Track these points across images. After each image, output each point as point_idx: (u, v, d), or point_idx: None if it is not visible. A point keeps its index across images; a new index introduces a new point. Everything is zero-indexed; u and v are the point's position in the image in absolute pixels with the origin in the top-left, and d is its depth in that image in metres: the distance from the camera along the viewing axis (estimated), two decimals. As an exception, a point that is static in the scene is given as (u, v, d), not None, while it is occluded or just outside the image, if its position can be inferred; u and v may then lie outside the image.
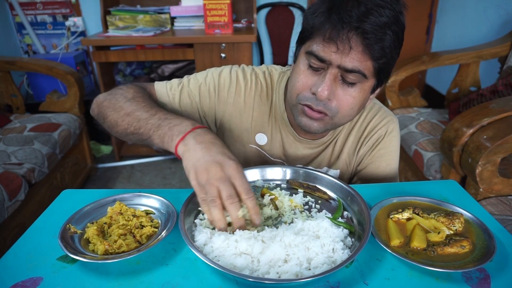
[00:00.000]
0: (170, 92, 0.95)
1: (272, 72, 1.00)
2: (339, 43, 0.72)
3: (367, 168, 1.00)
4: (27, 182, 1.68)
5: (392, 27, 0.72)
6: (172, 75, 2.74)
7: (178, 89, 0.95)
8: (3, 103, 2.39)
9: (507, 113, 1.38)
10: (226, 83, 0.96)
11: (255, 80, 0.98)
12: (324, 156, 1.01)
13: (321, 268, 0.61)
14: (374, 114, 0.99)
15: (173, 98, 0.95)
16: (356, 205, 0.76)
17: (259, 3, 3.08)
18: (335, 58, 0.74)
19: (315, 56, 0.77)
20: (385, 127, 0.98)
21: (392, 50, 0.75)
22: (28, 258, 0.66)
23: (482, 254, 0.65)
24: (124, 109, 0.82)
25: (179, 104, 0.95)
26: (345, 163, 1.01)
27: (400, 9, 0.74)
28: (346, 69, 0.75)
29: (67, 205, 0.81)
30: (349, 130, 1.00)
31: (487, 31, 2.49)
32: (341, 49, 0.73)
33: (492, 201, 1.38)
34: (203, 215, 0.77)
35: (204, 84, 0.96)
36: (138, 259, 0.66)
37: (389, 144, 0.99)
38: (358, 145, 1.00)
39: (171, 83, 0.97)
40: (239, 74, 0.97)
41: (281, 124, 0.97)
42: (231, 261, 0.63)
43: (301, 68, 0.81)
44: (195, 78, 0.97)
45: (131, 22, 2.67)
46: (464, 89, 2.22)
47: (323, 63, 0.77)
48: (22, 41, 3.09)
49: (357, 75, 0.76)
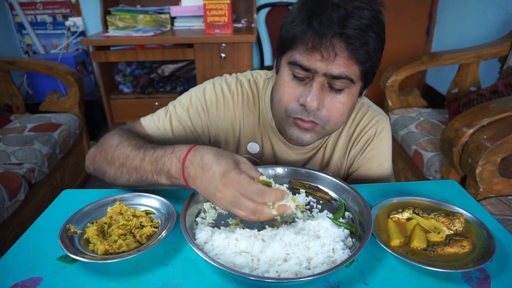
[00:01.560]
0: (159, 124, 0.93)
1: (257, 79, 0.98)
2: (323, 50, 0.70)
3: (359, 170, 0.99)
4: (27, 182, 1.68)
5: (374, 28, 0.70)
6: (172, 75, 2.74)
7: (167, 119, 0.93)
8: (3, 103, 2.39)
9: (507, 113, 1.38)
10: (212, 100, 0.94)
11: (240, 90, 0.96)
12: (316, 160, 0.99)
13: (321, 268, 0.61)
14: (363, 114, 0.97)
15: (164, 129, 0.93)
16: (357, 205, 0.76)
17: (259, 3, 3.08)
18: (321, 66, 0.72)
19: (299, 66, 0.74)
20: (375, 127, 0.96)
21: (377, 51, 0.73)
22: (28, 258, 0.66)
23: (482, 254, 0.65)
24: (116, 159, 0.79)
25: (172, 133, 0.93)
26: (336, 166, 1.00)
27: (379, 8, 0.72)
28: (333, 76, 0.73)
29: (67, 205, 0.81)
30: (339, 133, 0.98)
31: (487, 31, 2.49)
32: (326, 56, 0.70)
33: (492, 201, 1.38)
34: (204, 213, 0.78)
35: (191, 106, 0.94)
36: (138, 259, 0.66)
37: (379, 144, 0.97)
38: (348, 147, 0.99)
39: (158, 115, 0.94)
40: (224, 87, 0.95)
41: (270, 131, 0.96)
42: (231, 259, 0.63)
43: (285, 80, 0.78)
44: (181, 103, 0.95)
45: (131, 22, 2.67)
46: (464, 89, 2.22)
47: (308, 72, 0.74)
48: (22, 41, 3.09)
49: (344, 81, 0.74)
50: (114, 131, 0.88)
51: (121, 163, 0.78)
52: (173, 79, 2.78)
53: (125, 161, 0.78)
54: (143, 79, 2.71)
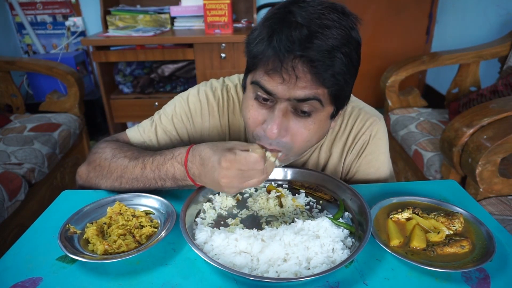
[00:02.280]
0: (144, 135, 0.92)
1: None
2: (284, 73, 0.64)
3: (357, 175, 0.95)
4: (27, 182, 1.68)
5: (343, 49, 0.64)
6: (172, 75, 2.74)
7: (152, 130, 0.92)
8: (3, 103, 2.39)
9: (507, 113, 1.38)
10: (197, 107, 0.92)
11: (226, 96, 0.93)
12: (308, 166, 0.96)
13: (320, 268, 0.61)
14: (355, 119, 0.92)
15: (149, 140, 0.92)
16: (357, 205, 0.76)
17: (259, 3, 3.08)
18: (282, 91, 0.67)
19: (261, 88, 0.69)
20: (369, 131, 0.91)
21: (345, 74, 0.67)
22: (28, 258, 0.66)
23: (482, 254, 0.64)
24: (113, 172, 0.80)
25: (158, 144, 0.92)
26: (332, 173, 0.97)
27: (350, 24, 0.66)
28: (298, 100, 0.67)
29: (67, 205, 0.81)
30: (332, 140, 0.94)
31: (487, 31, 2.49)
32: (286, 79, 0.65)
33: (492, 201, 1.38)
34: (203, 213, 0.78)
35: (175, 115, 0.92)
36: (138, 259, 0.66)
37: (375, 148, 0.93)
38: (343, 154, 0.95)
39: (143, 126, 0.94)
40: (208, 94, 0.92)
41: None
42: (231, 259, 0.63)
43: (249, 102, 0.74)
44: (165, 113, 0.93)
45: (131, 22, 2.67)
46: (464, 89, 2.22)
47: (270, 95, 0.69)
48: (22, 41, 3.09)
49: (312, 102, 0.68)
50: (102, 144, 0.88)
51: (119, 175, 0.80)
52: (173, 79, 2.78)
53: (123, 173, 0.79)
54: (143, 79, 2.71)
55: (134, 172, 0.78)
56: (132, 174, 0.78)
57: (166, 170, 0.75)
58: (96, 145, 0.89)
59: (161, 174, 0.76)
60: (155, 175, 0.77)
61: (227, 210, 0.79)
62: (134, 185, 0.80)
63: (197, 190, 0.80)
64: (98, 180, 0.83)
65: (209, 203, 0.80)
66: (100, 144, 0.88)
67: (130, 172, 0.78)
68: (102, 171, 0.82)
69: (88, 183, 0.86)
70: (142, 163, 0.78)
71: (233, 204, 0.81)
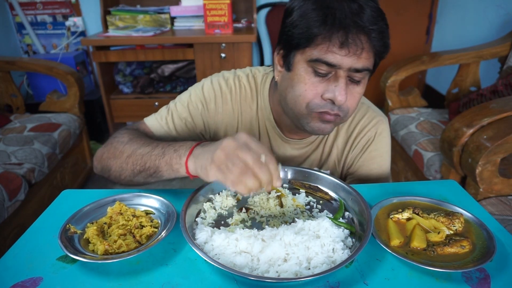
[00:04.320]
0: (162, 122, 0.95)
1: (255, 74, 0.98)
2: (351, 46, 0.71)
3: (359, 170, 0.99)
4: (27, 182, 1.68)
5: (384, 19, 0.73)
6: (172, 75, 2.74)
7: (170, 117, 0.95)
8: (3, 103, 2.39)
9: (507, 113, 1.38)
10: (211, 95, 0.96)
11: (238, 84, 0.97)
12: (315, 157, 1.00)
13: (321, 268, 0.61)
14: (363, 115, 0.97)
15: (167, 127, 0.95)
16: (357, 205, 0.76)
17: (259, 3, 3.08)
18: (346, 62, 0.73)
19: (324, 63, 0.74)
20: (375, 128, 0.97)
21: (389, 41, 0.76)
22: (28, 258, 0.66)
23: (482, 254, 0.64)
24: (124, 152, 0.81)
25: (175, 131, 0.95)
26: (334, 163, 1.01)
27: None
28: (356, 70, 0.75)
29: (67, 205, 0.81)
30: (337, 131, 0.99)
31: (487, 31, 2.49)
32: (352, 52, 0.72)
33: (492, 201, 1.38)
34: (204, 213, 0.78)
35: (191, 102, 0.96)
36: (138, 259, 0.66)
37: (379, 145, 0.97)
38: (347, 148, 0.99)
39: (160, 114, 0.96)
40: (221, 83, 0.96)
41: (268, 126, 0.97)
42: (231, 259, 0.63)
43: (305, 77, 0.78)
44: (181, 100, 0.97)
45: (131, 22, 2.67)
46: (464, 89, 2.22)
47: (331, 68, 0.75)
48: (22, 41, 3.09)
49: (364, 73, 0.77)
50: (122, 130, 0.90)
51: (128, 155, 0.80)
52: (173, 79, 2.78)
53: (133, 152, 0.79)
54: (143, 79, 2.71)
55: (144, 150, 0.78)
56: (141, 152, 0.78)
57: (176, 144, 0.75)
58: (116, 132, 0.91)
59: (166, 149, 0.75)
60: (160, 152, 0.75)
61: (227, 210, 0.79)
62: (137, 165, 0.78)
63: (197, 190, 0.80)
64: (110, 161, 0.83)
65: (209, 203, 0.80)
66: (121, 130, 0.90)
67: (140, 151, 0.78)
68: (115, 152, 0.83)
69: (100, 164, 0.87)
70: (157, 143, 0.79)
71: (233, 204, 0.81)
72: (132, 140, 0.83)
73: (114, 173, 0.83)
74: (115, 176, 0.84)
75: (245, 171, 0.62)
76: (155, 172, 0.76)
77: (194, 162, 0.69)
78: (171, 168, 0.73)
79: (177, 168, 0.73)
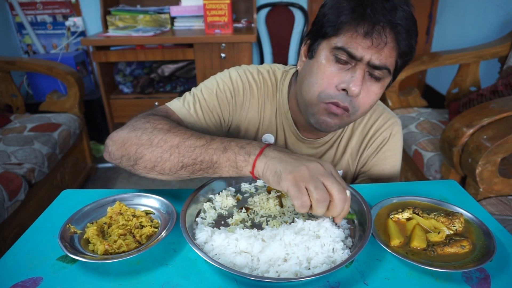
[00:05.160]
0: (191, 110, 0.88)
1: (275, 71, 0.98)
2: (375, 37, 0.72)
3: (372, 169, 1.00)
4: (27, 182, 1.68)
5: (415, 23, 0.75)
6: (172, 75, 2.74)
7: (198, 104, 0.89)
8: (3, 103, 2.39)
9: (507, 113, 1.38)
10: (239, 86, 0.94)
11: (262, 79, 0.96)
12: (328, 156, 1.00)
13: (321, 268, 0.61)
14: (378, 115, 0.99)
15: (196, 115, 0.88)
16: (357, 205, 0.76)
17: (259, 3, 3.08)
18: (367, 54, 0.73)
19: (346, 52, 0.75)
20: (390, 129, 0.98)
21: (415, 47, 0.76)
22: (28, 258, 0.66)
23: (482, 254, 0.64)
24: (168, 141, 0.71)
25: (204, 119, 0.89)
26: (347, 164, 1.01)
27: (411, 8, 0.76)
28: (374, 66, 0.75)
29: (67, 205, 0.81)
30: (353, 130, 0.99)
31: (487, 31, 2.49)
32: (375, 44, 0.72)
33: (492, 201, 1.38)
34: (204, 213, 0.78)
35: (220, 91, 0.92)
36: (138, 259, 0.66)
37: (394, 146, 1.00)
38: (361, 147, 1.00)
39: (187, 100, 0.89)
40: (249, 76, 0.95)
41: (285, 123, 0.97)
42: (231, 259, 0.63)
43: (325, 64, 0.78)
44: (207, 88, 0.92)
45: (131, 22, 2.67)
46: (464, 89, 2.22)
47: (352, 59, 0.75)
48: (22, 41, 3.09)
49: (383, 72, 0.76)
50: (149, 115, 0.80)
51: (174, 144, 0.70)
52: (173, 79, 2.78)
53: (181, 143, 0.70)
54: (143, 79, 2.71)
55: (197, 142, 0.70)
56: (193, 144, 0.70)
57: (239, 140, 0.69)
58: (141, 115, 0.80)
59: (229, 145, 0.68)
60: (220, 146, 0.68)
61: (227, 210, 0.79)
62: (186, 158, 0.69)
63: (197, 190, 0.80)
64: (142, 149, 0.71)
65: (209, 203, 0.80)
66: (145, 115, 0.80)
67: (192, 143, 0.70)
68: (152, 139, 0.72)
69: (121, 151, 0.74)
70: (211, 137, 0.71)
71: (233, 204, 0.81)
72: (175, 128, 0.74)
73: (146, 163, 0.72)
74: (145, 167, 0.72)
75: (324, 200, 0.60)
76: (210, 167, 0.69)
77: (265, 163, 0.65)
78: (235, 164, 0.67)
79: (243, 166, 0.67)
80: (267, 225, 0.74)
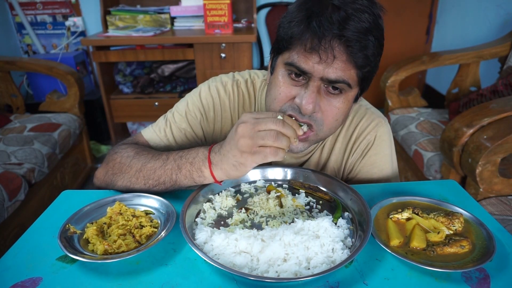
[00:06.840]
0: (161, 135, 0.93)
1: (254, 80, 0.97)
2: (322, 52, 0.68)
3: (359, 175, 0.96)
4: (27, 182, 1.68)
5: (374, 32, 0.68)
6: (172, 75, 2.74)
7: (168, 128, 0.93)
8: (3, 103, 2.39)
9: (507, 113, 1.38)
10: (209, 102, 0.94)
11: (236, 90, 0.95)
12: (311, 163, 0.97)
13: (320, 268, 0.61)
14: (361, 117, 0.94)
15: (167, 139, 0.93)
16: (357, 205, 0.76)
17: (259, 3, 3.08)
18: (318, 70, 0.70)
19: (296, 68, 0.72)
20: (374, 132, 0.93)
21: (375, 56, 0.71)
22: (28, 258, 0.66)
23: (482, 254, 0.64)
24: (133, 167, 0.80)
25: (175, 142, 0.93)
26: (333, 171, 0.97)
27: (378, 12, 0.70)
28: (329, 80, 0.71)
29: (67, 205, 0.81)
30: (336, 136, 0.95)
31: (487, 31, 2.49)
32: (324, 58, 0.68)
33: (492, 201, 1.38)
34: (203, 214, 0.78)
35: (189, 111, 0.93)
36: (138, 259, 0.66)
37: (380, 149, 0.93)
38: (346, 153, 0.95)
39: (158, 125, 0.95)
40: (220, 88, 0.94)
41: None
42: (231, 259, 0.63)
43: (280, 80, 0.76)
44: (178, 110, 0.95)
45: (131, 22, 2.67)
46: (464, 89, 2.22)
47: (304, 74, 0.72)
48: (22, 41, 3.09)
49: (341, 85, 0.72)
50: (121, 146, 0.88)
51: (138, 169, 0.80)
52: (173, 79, 2.78)
53: (143, 167, 0.79)
54: (143, 79, 2.71)
55: (155, 164, 0.78)
56: (152, 166, 0.78)
57: (188, 154, 0.76)
58: (114, 147, 0.89)
59: (181, 162, 0.76)
60: (175, 165, 0.76)
61: (227, 210, 0.79)
62: (150, 180, 0.78)
63: (197, 190, 0.80)
64: (116, 177, 0.82)
65: (209, 203, 0.80)
66: (120, 145, 0.88)
67: (151, 165, 0.78)
68: (121, 167, 0.82)
69: (105, 183, 0.86)
70: (166, 156, 0.79)
71: (233, 204, 0.81)
72: (138, 153, 0.82)
73: (122, 187, 0.83)
74: (122, 189, 0.83)
75: (276, 136, 0.65)
76: (173, 185, 0.77)
77: (221, 169, 0.72)
78: (193, 181, 0.76)
79: (201, 181, 0.75)
80: (267, 225, 0.74)
